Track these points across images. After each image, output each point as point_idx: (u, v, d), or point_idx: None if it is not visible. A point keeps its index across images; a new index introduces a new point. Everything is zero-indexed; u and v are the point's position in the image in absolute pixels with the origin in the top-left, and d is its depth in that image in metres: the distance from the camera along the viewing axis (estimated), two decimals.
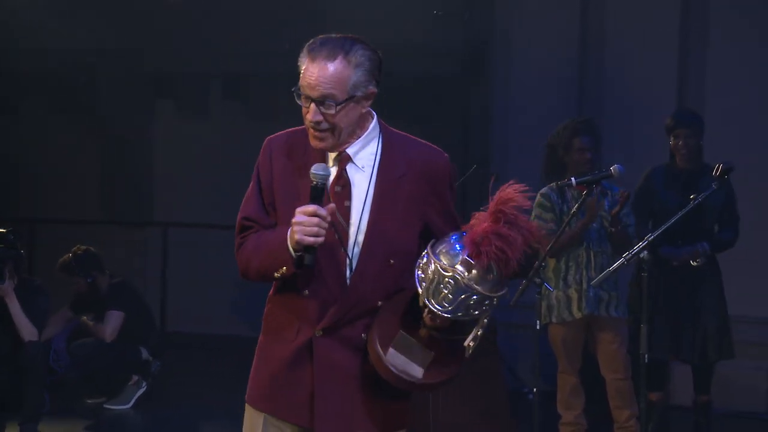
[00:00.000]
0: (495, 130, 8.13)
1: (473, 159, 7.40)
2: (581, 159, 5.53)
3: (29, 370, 6.04)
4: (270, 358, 2.99)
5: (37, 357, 6.10)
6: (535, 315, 5.14)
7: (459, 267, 2.81)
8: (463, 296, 2.81)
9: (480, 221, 2.85)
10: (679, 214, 4.79)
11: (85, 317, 7.23)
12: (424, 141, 3.05)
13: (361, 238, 2.89)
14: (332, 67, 2.82)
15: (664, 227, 4.82)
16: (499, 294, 2.85)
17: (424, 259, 2.86)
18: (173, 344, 8.16)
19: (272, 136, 3.02)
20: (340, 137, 2.89)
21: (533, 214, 5.56)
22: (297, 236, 2.77)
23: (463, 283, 2.80)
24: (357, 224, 2.90)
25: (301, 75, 2.86)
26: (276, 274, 2.87)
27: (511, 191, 2.85)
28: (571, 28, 7.78)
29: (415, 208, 2.94)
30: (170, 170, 8.94)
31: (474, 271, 2.81)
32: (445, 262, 2.82)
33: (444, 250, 2.85)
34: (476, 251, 2.80)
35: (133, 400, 7.12)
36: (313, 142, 2.90)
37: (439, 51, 8.07)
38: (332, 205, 2.81)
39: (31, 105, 9.16)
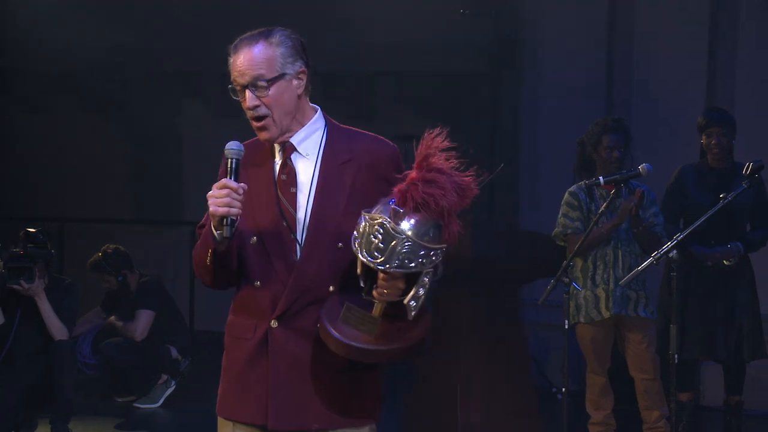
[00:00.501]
0: (523, 128, 8.11)
1: (501, 157, 7.38)
2: (609, 157, 5.51)
3: (59, 368, 6.08)
4: (231, 362, 3.00)
5: (67, 355, 6.14)
6: (563, 314, 5.11)
7: (386, 215, 2.77)
8: (393, 243, 2.75)
9: (408, 175, 2.84)
10: (709, 213, 4.76)
11: (112, 317, 7.28)
12: (372, 133, 3.07)
13: (308, 222, 2.92)
14: (255, 50, 2.90)
15: (693, 227, 4.80)
16: (435, 246, 2.79)
17: (358, 220, 2.83)
18: (202, 343, 8.19)
19: None
20: (281, 123, 2.93)
21: (560, 212, 5.55)
22: (211, 208, 2.80)
23: (391, 228, 2.75)
24: (304, 210, 2.92)
25: (231, 75, 2.93)
26: (207, 261, 2.89)
27: (435, 141, 2.82)
28: (600, 26, 7.75)
29: (361, 194, 2.93)
30: (199, 169, 8.97)
31: (405, 220, 2.77)
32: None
33: (379, 210, 2.82)
34: (403, 198, 2.79)
35: (162, 399, 7.17)
36: (260, 135, 2.95)
37: (468, 49, 8.06)
38: (243, 184, 2.83)
39: (61, 104, 9.22)
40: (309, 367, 2.91)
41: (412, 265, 2.77)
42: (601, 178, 5.03)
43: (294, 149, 2.97)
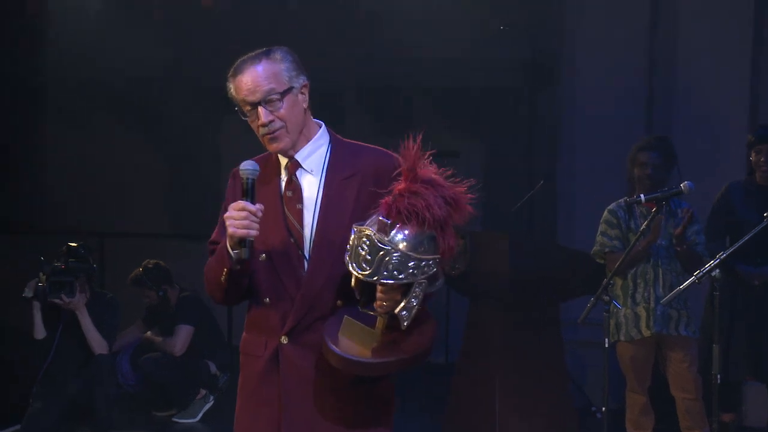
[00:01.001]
0: (561, 144, 8.07)
1: (539, 172, 7.35)
2: (641, 174, 5.48)
3: (99, 382, 6.12)
4: (245, 379, 3.05)
5: (107, 369, 6.18)
6: (604, 333, 5.07)
7: (372, 226, 2.78)
8: (380, 254, 2.76)
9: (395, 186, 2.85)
10: (752, 232, 4.71)
11: (149, 332, 7.31)
12: (375, 146, 3.09)
13: (314, 238, 2.94)
14: (260, 67, 2.94)
15: (735, 246, 4.75)
16: (427, 257, 2.78)
17: (350, 233, 2.84)
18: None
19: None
20: (293, 134, 2.97)
21: (599, 230, 5.51)
22: (230, 230, 2.83)
23: (377, 240, 2.76)
24: (310, 225, 2.95)
25: (235, 97, 2.97)
26: (221, 279, 2.93)
27: (415, 152, 2.82)
28: (640, 41, 7.70)
29: (365, 208, 2.94)
30: None
31: (396, 231, 2.77)
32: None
33: (369, 222, 2.83)
34: (389, 210, 2.79)
35: (200, 414, 7.18)
36: (272, 146, 2.98)
37: (506, 64, 8.03)
38: (260, 205, 2.86)
39: (101, 119, 9.29)
40: (319, 381, 2.94)
41: (402, 276, 2.78)
42: (642, 195, 4.99)
43: (299, 165, 3.00)
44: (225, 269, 2.90)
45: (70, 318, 6.07)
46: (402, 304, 2.82)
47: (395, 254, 2.76)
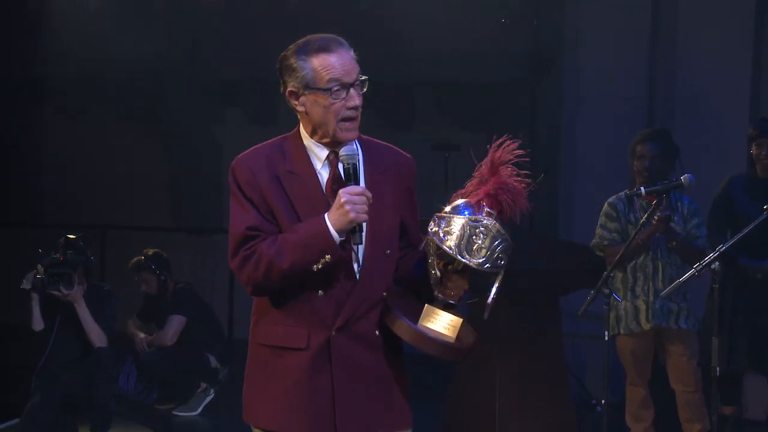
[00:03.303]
0: (562, 137, 8.06)
1: (541, 166, 7.34)
2: (639, 167, 5.46)
3: (99, 375, 6.11)
4: (281, 373, 2.99)
5: (106, 362, 6.17)
6: (604, 325, 5.07)
7: (486, 217, 2.89)
8: (494, 244, 2.86)
9: (480, 182, 2.97)
10: (751, 225, 4.70)
11: (142, 335, 7.29)
12: (386, 143, 3.16)
13: (363, 232, 2.95)
14: (350, 51, 2.98)
15: (735, 238, 4.74)
16: (512, 246, 2.92)
17: (443, 223, 2.90)
18: (241, 351, 8.19)
19: (240, 156, 3.05)
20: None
21: (599, 222, 5.50)
22: (351, 215, 2.84)
23: (495, 229, 2.87)
24: None
25: (318, 73, 2.92)
26: (316, 266, 2.86)
27: (503, 152, 2.99)
28: (642, 34, 7.69)
29: (396, 201, 3.03)
30: None
31: (496, 221, 2.91)
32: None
33: (457, 212, 2.93)
34: (494, 202, 2.92)
35: (201, 407, 7.17)
36: (350, 134, 2.96)
37: (507, 58, 8.02)
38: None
39: (101, 112, 9.28)
40: (371, 373, 2.98)
41: (501, 263, 2.90)
42: (642, 188, 4.98)
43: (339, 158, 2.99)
44: (327, 256, 2.86)
45: (68, 310, 6.05)
46: (492, 294, 2.94)
47: (502, 244, 2.88)
